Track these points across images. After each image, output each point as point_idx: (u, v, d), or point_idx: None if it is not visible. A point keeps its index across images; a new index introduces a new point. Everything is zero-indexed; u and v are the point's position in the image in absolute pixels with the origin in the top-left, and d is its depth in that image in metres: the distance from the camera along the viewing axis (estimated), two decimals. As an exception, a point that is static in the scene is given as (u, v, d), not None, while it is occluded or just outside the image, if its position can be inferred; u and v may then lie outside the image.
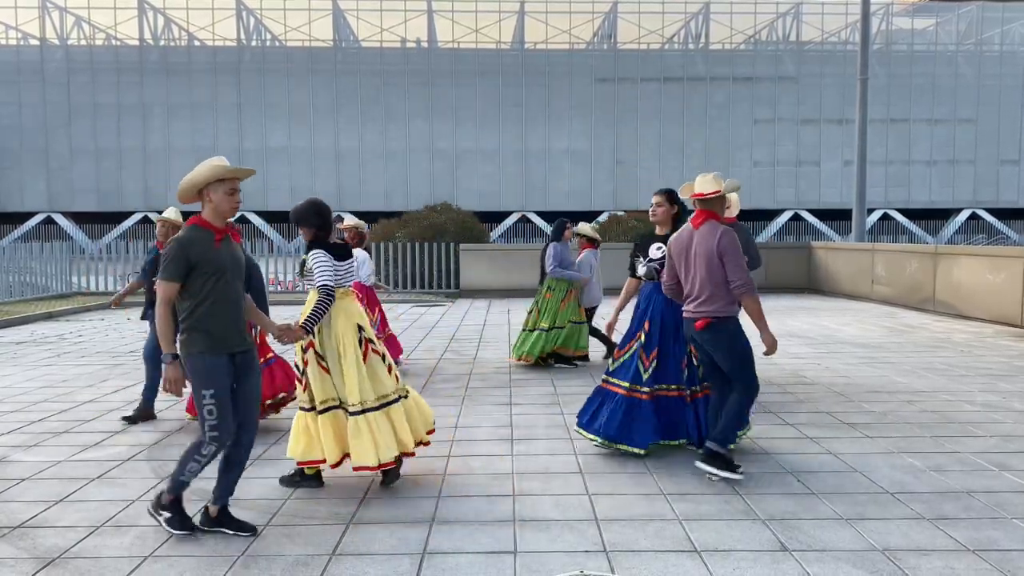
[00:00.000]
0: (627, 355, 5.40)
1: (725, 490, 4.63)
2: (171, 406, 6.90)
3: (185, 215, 5.50)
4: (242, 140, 43.79)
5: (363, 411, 4.52)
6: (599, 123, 44.80)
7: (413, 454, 4.77)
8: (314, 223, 4.64)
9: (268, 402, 6.08)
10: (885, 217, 44.96)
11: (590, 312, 9.29)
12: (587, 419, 5.45)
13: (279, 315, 10.61)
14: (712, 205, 4.79)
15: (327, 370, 4.57)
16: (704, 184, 4.79)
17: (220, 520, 4.04)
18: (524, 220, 44.02)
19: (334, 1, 44.74)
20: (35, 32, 43.92)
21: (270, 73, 43.74)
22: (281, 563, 3.69)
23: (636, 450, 5.20)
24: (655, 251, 5.36)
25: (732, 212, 6.47)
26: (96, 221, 42.28)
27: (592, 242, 9.30)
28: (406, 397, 4.80)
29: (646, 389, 5.27)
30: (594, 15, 46.71)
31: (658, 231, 5.44)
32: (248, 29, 45.30)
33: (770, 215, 44.91)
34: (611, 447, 5.27)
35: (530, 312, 8.99)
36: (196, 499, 4.39)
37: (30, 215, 43.14)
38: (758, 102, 44.75)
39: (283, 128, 43.72)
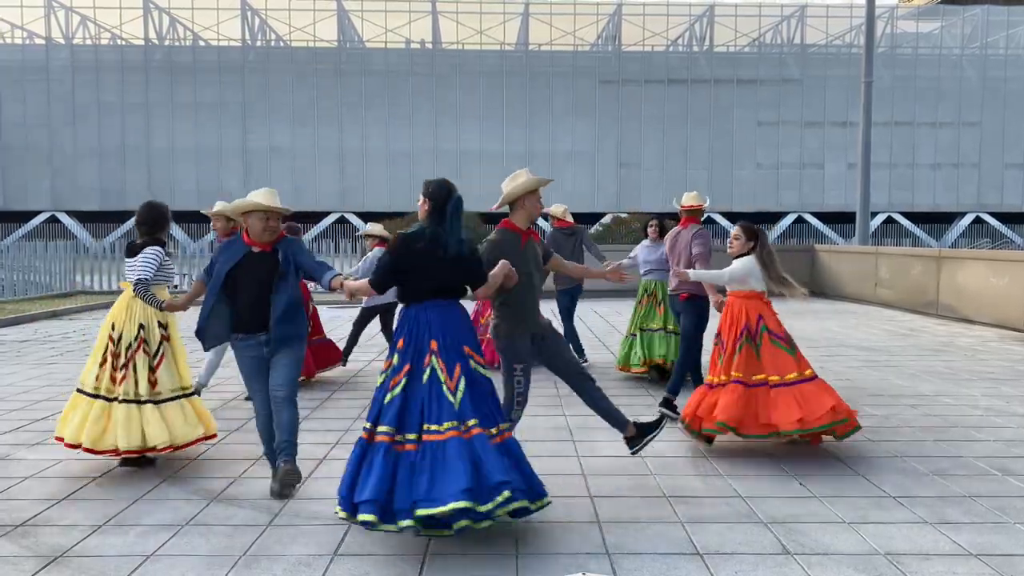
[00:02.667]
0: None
1: (727, 492, 4.63)
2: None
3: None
4: (246, 140, 43.86)
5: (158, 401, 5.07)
6: (603, 125, 44.79)
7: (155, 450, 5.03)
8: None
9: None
10: (889, 220, 44.89)
11: (371, 312, 9.05)
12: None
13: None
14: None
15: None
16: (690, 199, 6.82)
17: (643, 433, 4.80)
18: (527, 221, 44.05)
19: (339, 2, 44.80)
20: (40, 31, 44.05)
21: (274, 73, 43.80)
22: (283, 563, 3.69)
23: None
24: None
25: (568, 218, 9.05)
26: (100, 220, 42.35)
27: (384, 241, 9.01)
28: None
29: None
30: (598, 16, 46.72)
31: None
32: (253, 29, 45.36)
33: (773, 218, 44.86)
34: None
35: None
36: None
37: (34, 214, 43.23)
38: (762, 104, 44.71)
39: (287, 128, 43.78)
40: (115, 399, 5.01)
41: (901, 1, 51.79)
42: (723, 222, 42.86)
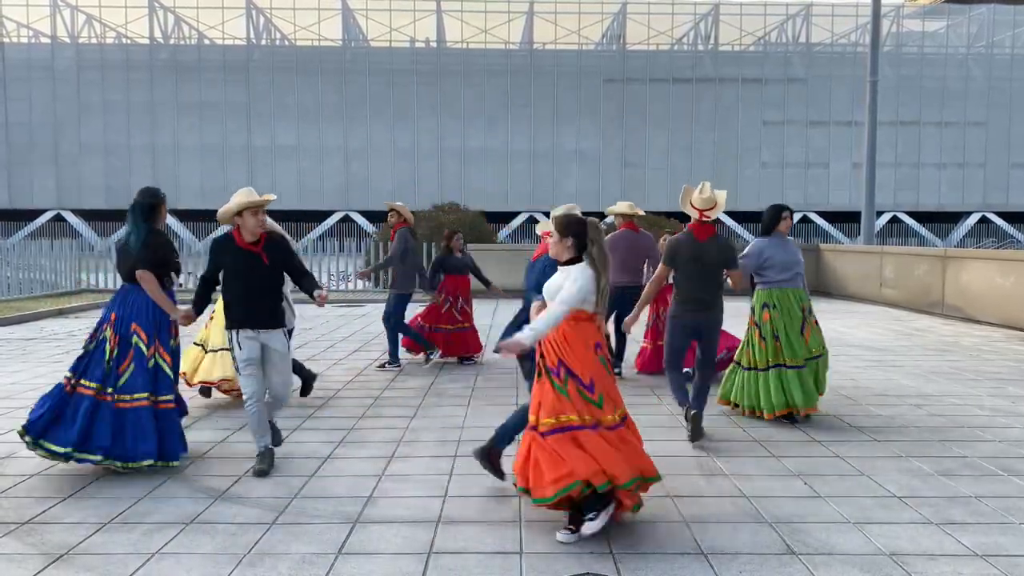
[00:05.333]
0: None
1: (732, 492, 4.62)
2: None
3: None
4: (251, 139, 43.92)
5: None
6: (607, 124, 44.75)
7: None
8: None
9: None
10: (894, 220, 44.78)
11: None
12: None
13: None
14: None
15: None
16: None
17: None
18: (532, 220, 44.02)
19: (343, 1, 44.83)
20: (46, 30, 44.16)
21: (279, 72, 43.85)
22: (288, 561, 3.70)
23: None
24: None
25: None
26: (105, 219, 42.40)
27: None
28: None
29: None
30: (603, 15, 46.69)
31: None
32: (258, 28, 45.43)
33: (778, 217, 44.75)
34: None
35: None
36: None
37: (40, 212, 43.34)
38: (767, 103, 44.63)
39: (292, 127, 43.83)
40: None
41: (906, 0, 51.63)
42: (729, 222, 42.84)
